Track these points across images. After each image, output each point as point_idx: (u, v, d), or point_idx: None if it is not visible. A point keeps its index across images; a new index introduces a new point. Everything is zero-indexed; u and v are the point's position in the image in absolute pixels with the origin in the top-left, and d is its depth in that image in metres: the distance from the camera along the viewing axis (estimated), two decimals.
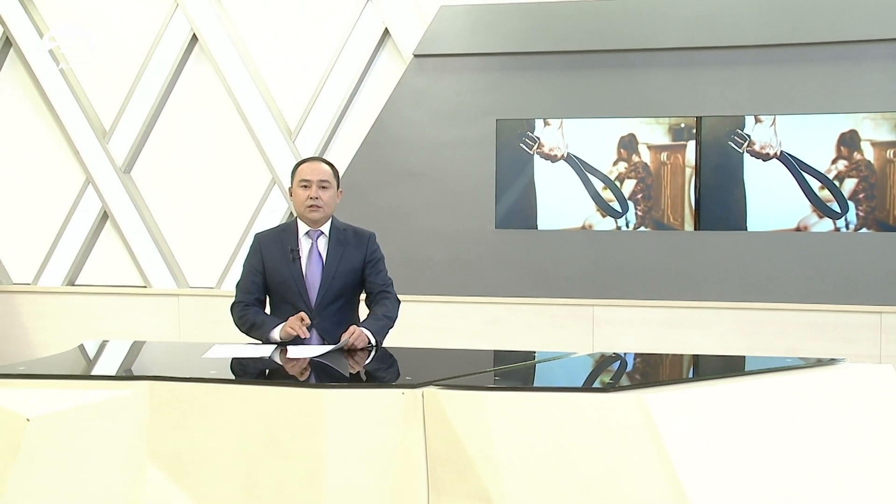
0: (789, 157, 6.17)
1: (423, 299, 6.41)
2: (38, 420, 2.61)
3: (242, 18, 6.92)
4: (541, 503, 2.58)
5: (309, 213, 3.79)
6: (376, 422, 2.72)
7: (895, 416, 3.11)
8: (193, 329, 6.83)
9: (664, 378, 3.18)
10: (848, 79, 6.08)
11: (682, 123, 6.29)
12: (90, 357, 3.50)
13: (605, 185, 6.39)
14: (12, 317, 7.11)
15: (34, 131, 7.23)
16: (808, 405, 2.97)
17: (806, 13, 6.07)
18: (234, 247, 6.90)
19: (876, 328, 6.06)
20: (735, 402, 2.83)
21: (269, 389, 2.80)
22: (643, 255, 6.34)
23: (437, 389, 2.76)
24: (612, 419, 2.59)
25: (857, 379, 3.15)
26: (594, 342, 6.34)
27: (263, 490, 2.70)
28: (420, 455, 2.72)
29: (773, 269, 6.19)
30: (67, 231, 7.17)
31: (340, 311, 3.81)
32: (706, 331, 6.22)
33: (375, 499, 2.69)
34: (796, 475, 2.78)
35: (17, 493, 2.57)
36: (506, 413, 2.67)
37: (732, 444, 2.70)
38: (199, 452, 2.76)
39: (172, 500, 2.75)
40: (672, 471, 2.52)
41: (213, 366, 3.11)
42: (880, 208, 6.08)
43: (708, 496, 2.54)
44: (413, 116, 6.53)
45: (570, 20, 6.33)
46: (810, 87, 6.12)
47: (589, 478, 2.57)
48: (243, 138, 6.92)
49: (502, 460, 2.62)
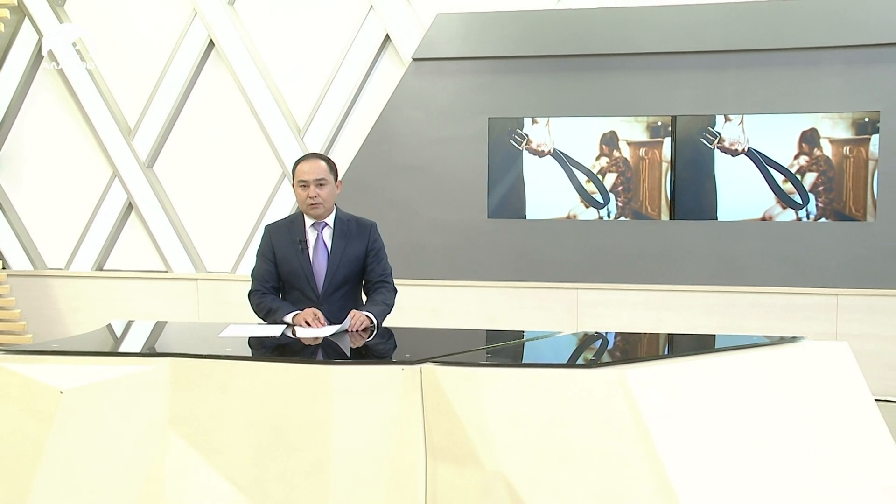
0: (756, 153, 6.17)
1: (421, 283, 6.40)
2: (70, 392, 2.62)
3: (255, 25, 6.90)
4: (528, 469, 2.58)
5: (310, 210, 3.77)
6: (378, 395, 2.72)
7: (849, 388, 3.14)
8: (211, 310, 6.83)
9: (642, 355, 3.18)
10: (808, 82, 6.07)
11: (659, 122, 6.28)
12: (117, 335, 3.50)
13: (589, 178, 6.38)
14: (46, 299, 7.10)
15: (66, 130, 7.21)
16: (772, 379, 2.98)
17: (770, 22, 6.06)
18: (248, 235, 6.90)
19: (833, 309, 6.07)
20: (706, 376, 2.83)
21: (281, 365, 2.80)
22: (623, 243, 6.34)
23: (434, 366, 2.76)
24: (595, 393, 2.60)
25: (815, 355, 3.16)
26: (578, 322, 6.34)
27: (275, 456, 2.70)
28: (418, 424, 2.72)
29: (740, 256, 6.20)
30: (96, 220, 7.16)
31: (345, 297, 3.80)
32: (680, 311, 6.23)
33: (378, 464, 2.70)
34: (762, 442, 2.79)
35: (53, 457, 2.58)
36: (497, 387, 2.67)
37: (704, 415, 2.71)
38: (216, 422, 2.76)
39: (192, 465, 2.75)
40: (649, 440, 2.52)
41: (229, 344, 3.11)
42: (837, 200, 6.09)
43: (681, 463, 2.54)
44: (412, 115, 6.52)
45: (557, 27, 6.31)
46: (774, 89, 6.12)
47: (572, 446, 2.57)
48: (256, 135, 6.91)
49: (493, 430, 2.62)
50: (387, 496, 2.69)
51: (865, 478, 2.99)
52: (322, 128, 6.78)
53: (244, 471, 2.72)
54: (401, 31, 6.60)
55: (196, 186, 7.05)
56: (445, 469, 2.67)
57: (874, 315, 6.03)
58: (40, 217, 7.27)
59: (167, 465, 2.75)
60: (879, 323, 6.02)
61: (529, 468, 2.58)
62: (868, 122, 6.03)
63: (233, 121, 6.95)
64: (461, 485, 2.64)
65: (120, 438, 2.70)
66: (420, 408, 2.73)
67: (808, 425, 2.94)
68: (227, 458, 2.75)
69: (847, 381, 3.15)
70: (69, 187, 7.21)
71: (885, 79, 5.98)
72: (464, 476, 2.63)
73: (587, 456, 2.56)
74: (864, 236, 6.05)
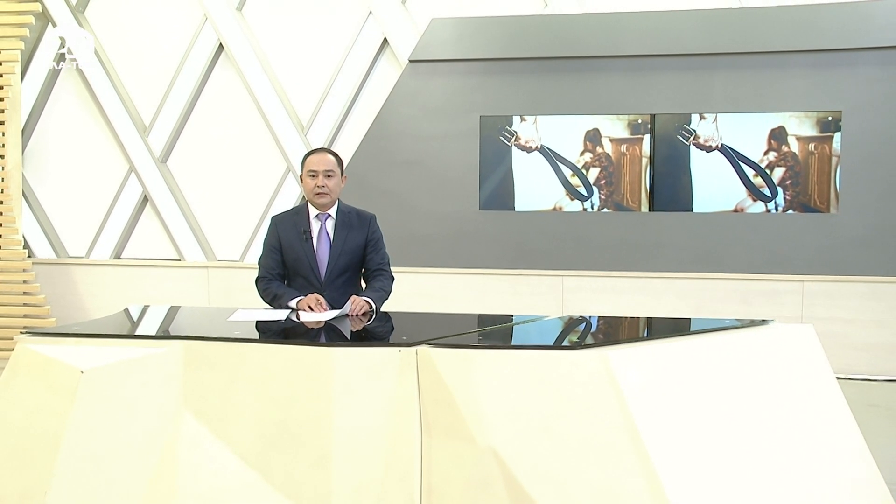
0: (728, 149, 6.16)
1: (417, 270, 6.40)
2: (90, 372, 2.62)
3: (261, 30, 6.87)
4: (517, 444, 2.58)
5: (317, 199, 3.76)
6: (377, 375, 2.72)
7: (813, 367, 3.16)
8: (220, 296, 6.82)
9: (623, 337, 3.18)
10: (776, 83, 6.07)
11: (639, 120, 6.27)
12: (134, 319, 3.48)
13: (573, 172, 6.38)
14: (68, 285, 7.08)
15: (86, 128, 7.17)
16: (743, 359, 2.99)
17: (742, 28, 6.06)
18: (255, 225, 6.88)
19: (799, 294, 6.09)
20: (682, 357, 2.84)
21: (286, 347, 2.79)
22: (606, 233, 6.34)
23: (429, 347, 2.75)
24: (579, 372, 2.60)
25: (783, 337, 3.17)
26: (563, 307, 6.35)
27: (281, 431, 2.69)
28: (414, 402, 2.72)
29: (714, 245, 6.21)
30: (114, 212, 7.14)
31: (346, 284, 3.79)
32: (658, 297, 6.24)
33: (377, 438, 2.69)
34: (734, 418, 2.80)
35: (74, 432, 2.58)
36: (488, 367, 2.67)
37: (680, 393, 2.71)
38: (225, 400, 2.76)
39: (203, 440, 2.75)
40: (629, 416, 2.52)
41: (238, 327, 3.10)
42: (804, 193, 6.10)
43: (659, 437, 2.55)
44: (408, 113, 6.50)
45: (544, 31, 6.30)
46: (745, 89, 6.12)
47: (558, 422, 2.57)
48: (262, 132, 6.88)
49: (484, 407, 2.62)
50: (385, 468, 2.69)
51: (827, 448, 3.02)
52: (324, 125, 6.76)
53: (252, 444, 2.72)
54: (398, 34, 6.57)
55: (207, 180, 7.02)
56: (440, 444, 2.67)
57: (837, 300, 6.05)
58: (63, 209, 7.24)
59: (181, 440, 2.74)
60: (842, 307, 6.04)
61: (518, 443, 2.58)
62: (831, 120, 6.03)
63: (241, 119, 6.92)
64: (454, 458, 2.64)
65: (137, 414, 2.69)
66: (416, 387, 2.72)
67: (776, 401, 2.96)
68: (236, 432, 2.74)
69: (812, 361, 3.17)
70: (89, 181, 7.18)
71: (847, 81, 5.99)
72: (457, 450, 2.63)
73: (572, 431, 2.56)
74: (828, 227, 6.07)
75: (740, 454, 2.74)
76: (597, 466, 2.52)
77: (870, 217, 6.01)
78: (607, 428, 2.53)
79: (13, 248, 6.83)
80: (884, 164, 5.98)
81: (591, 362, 2.60)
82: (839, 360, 5.65)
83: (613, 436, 2.52)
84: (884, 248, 6.00)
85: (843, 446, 3.08)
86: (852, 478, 3.04)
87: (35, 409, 2.65)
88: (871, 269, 6.02)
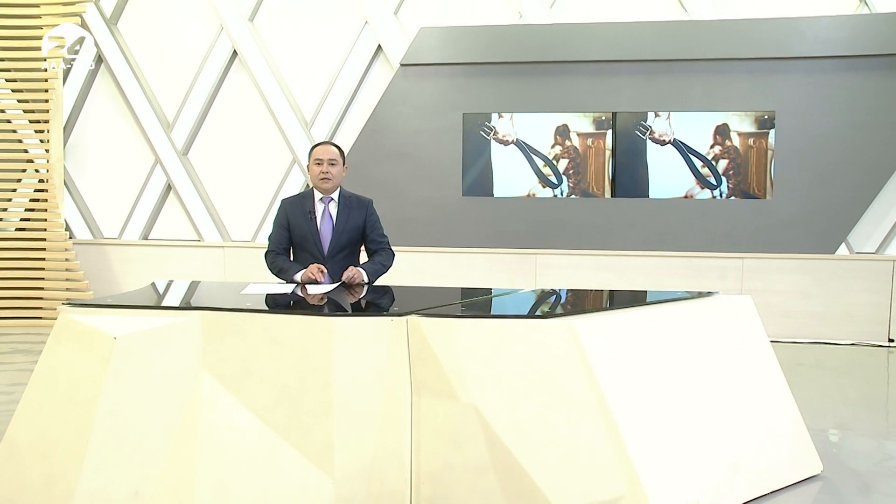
0: (680, 143, 6.16)
1: (407, 249, 6.37)
2: (122, 339, 2.61)
3: (271, 38, 6.81)
4: (494, 401, 2.58)
5: (321, 184, 3.73)
6: (372, 341, 2.70)
7: (751, 332, 3.19)
8: (235, 272, 6.79)
9: (588, 307, 3.18)
10: (721, 86, 6.09)
11: (603, 117, 6.25)
12: (160, 292, 3.45)
13: (545, 163, 6.36)
14: (103, 262, 7.04)
15: (118, 125, 7.10)
16: (692, 325, 3.01)
17: (691, 37, 6.06)
18: (265, 209, 6.84)
19: (739, 270, 6.12)
20: (640, 324, 2.84)
21: (293, 317, 2.77)
22: (574, 216, 6.34)
23: (418, 317, 2.74)
24: (549, 338, 2.60)
25: (726, 306, 3.19)
26: (536, 281, 6.35)
27: (290, 391, 2.68)
28: (405, 365, 2.71)
29: (667, 227, 6.22)
30: (142, 199, 7.08)
31: (346, 258, 3.77)
32: (619, 272, 6.25)
33: (372, 397, 2.69)
34: (684, 376, 2.82)
35: (110, 390, 2.58)
36: (469, 334, 2.66)
37: (638, 356, 2.72)
38: (239, 364, 2.74)
39: (220, 397, 2.73)
40: (593, 375, 2.53)
41: (250, 300, 3.07)
42: (744, 182, 6.11)
43: (620, 395, 2.56)
44: (400, 111, 6.46)
45: (519, 39, 6.26)
46: (695, 90, 6.12)
47: (531, 381, 2.58)
48: (271, 128, 6.83)
49: (466, 369, 2.62)
50: (380, 421, 2.68)
51: (761, 400, 3.07)
52: (326, 121, 6.72)
53: (264, 401, 2.70)
54: (390, 41, 6.52)
55: (223, 170, 6.97)
56: (427, 401, 2.66)
57: (771, 274, 6.09)
58: (99, 196, 7.18)
59: (201, 397, 2.72)
60: (775, 280, 6.09)
61: (495, 401, 2.58)
62: (767, 118, 6.04)
63: (252, 116, 6.87)
64: (440, 414, 2.63)
65: (163, 376, 2.68)
66: (406, 352, 2.71)
67: (721, 361, 2.99)
68: (249, 391, 2.73)
69: (750, 327, 3.19)
70: (121, 171, 7.12)
71: (780, 85, 6.02)
72: (442, 407, 2.63)
73: (543, 389, 2.56)
74: (764, 211, 6.09)
75: (690, 407, 2.76)
76: (565, 420, 2.53)
77: (799, 203, 6.05)
78: (574, 386, 2.54)
79: (56, 230, 6.80)
80: (812, 157, 6.01)
81: (560, 329, 2.59)
82: (773, 326, 5.70)
83: (579, 393, 2.53)
84: (811, 230, 6.04)
85: (774, 398, 3.12)
86: (781, 424, 3.09)
87: (76, 369, 2.65)
88: (800, 247, 6.06)
